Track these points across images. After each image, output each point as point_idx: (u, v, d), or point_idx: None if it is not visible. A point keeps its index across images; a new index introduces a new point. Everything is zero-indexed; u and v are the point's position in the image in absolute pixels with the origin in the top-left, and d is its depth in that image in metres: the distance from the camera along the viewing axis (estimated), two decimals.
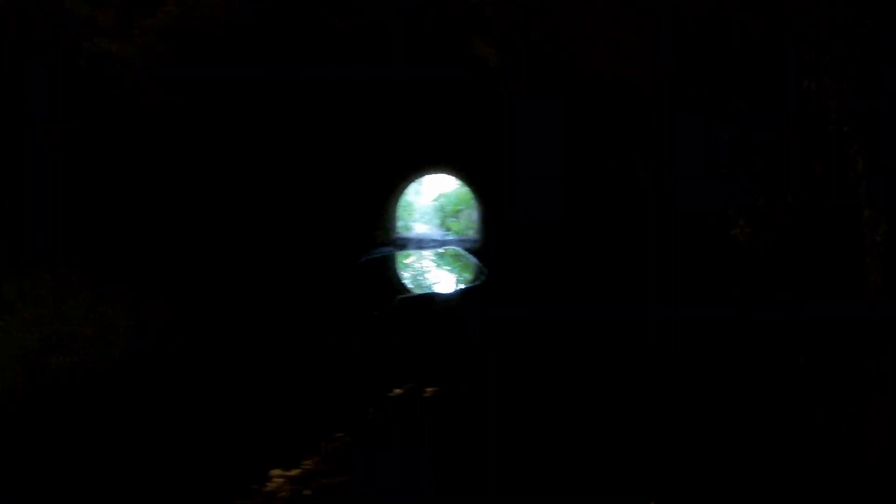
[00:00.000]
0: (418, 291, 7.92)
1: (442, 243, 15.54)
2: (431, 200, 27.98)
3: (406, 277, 9.83)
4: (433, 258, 12.65)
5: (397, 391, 3.65)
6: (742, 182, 2.55)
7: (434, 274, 10.70)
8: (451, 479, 2.50)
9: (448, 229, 21.69)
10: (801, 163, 2.12)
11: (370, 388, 3.71)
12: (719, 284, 2.81)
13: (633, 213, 4.77)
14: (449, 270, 11.28)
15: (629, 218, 4.77)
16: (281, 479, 2.52)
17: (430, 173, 17.05)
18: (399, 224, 18.41)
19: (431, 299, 7.03)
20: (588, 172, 6.42)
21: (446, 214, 22.67)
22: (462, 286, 8.51)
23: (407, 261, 12.05)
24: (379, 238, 13.87)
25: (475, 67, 7.28)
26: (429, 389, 3.68)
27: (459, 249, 13.81)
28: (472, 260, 11.90)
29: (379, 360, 4.35)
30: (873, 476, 1.76)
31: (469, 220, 20.65)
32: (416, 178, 16.42)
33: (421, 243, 14.96)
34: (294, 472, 2.56)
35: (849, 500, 1.82)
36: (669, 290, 3.78)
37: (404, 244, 14.45)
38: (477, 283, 8.45)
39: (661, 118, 3.64)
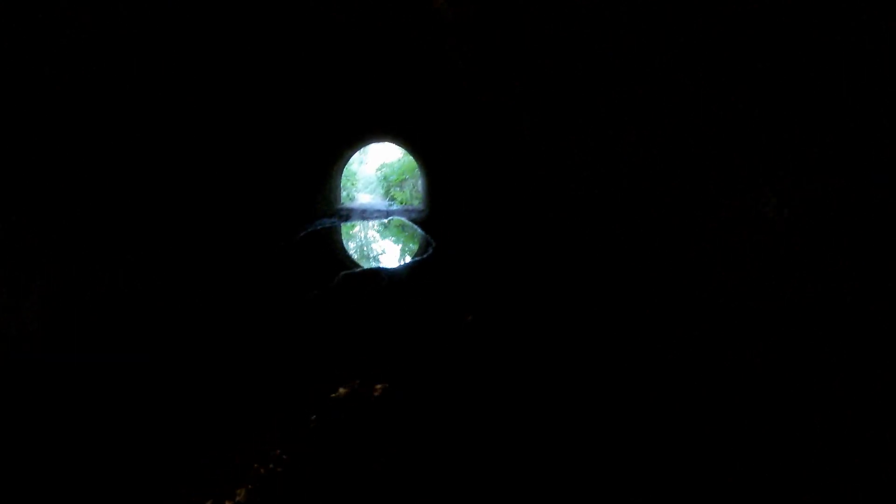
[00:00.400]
0: (363, 266, 7.43)
1: (387, 214, 15.00)
2: (375, 170, 27.08)
3: (350, 251, 9.22)
4: (378, 229, 12.12)
5: (342, 391, 3.16)
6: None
7: (379, 246, 10.00)
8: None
9: (393, 199, 21.04)
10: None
11: (309, 386, 3.23)
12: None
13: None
14: (394, 242, 10.62)
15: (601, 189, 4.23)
16: None
17: (375, 141, 16.33)
18: (342, 194, 17.60)
19: (377, 275, 6.60)
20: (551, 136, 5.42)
21: (390, 184, 21.98)
22: (409, 260, 8.04)
23: (351, 232, 11.45)
24: (320, 209, 13.15)
25: (424, 23, 6.66)
26: (377, 386, 3.23)
27: (405, 220, 13.36)
28: (419, 231, 11.51)
29: (319, 349, 3.83)
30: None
31: (414, 190, 20.14)
32: (360, 146, 15.66)
33: (365, 214, 14.34)
34: None
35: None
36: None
37: (347, 215, 13.81)
38: (425, 256, 8.02)
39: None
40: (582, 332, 4.03)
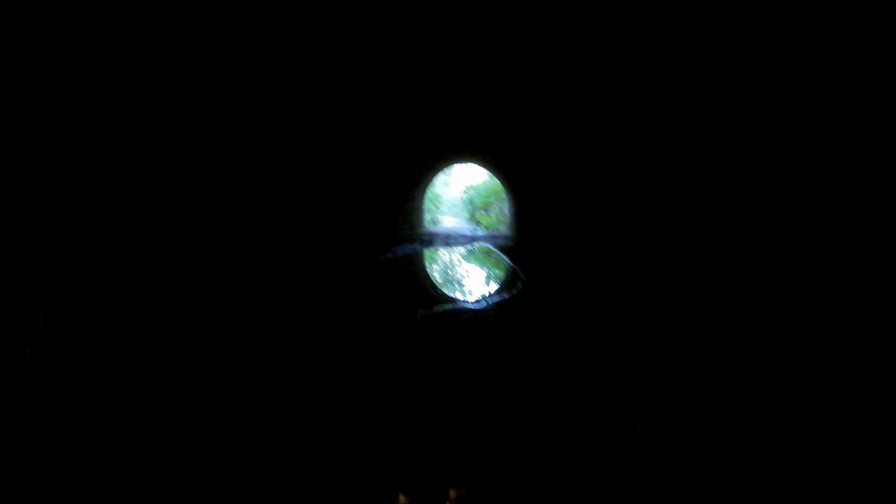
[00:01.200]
0: (447, 291, 6.59)
1: (472, 239, 14.13)
2: (460, 193, 26.50)
3: (434, 273, 8.55)
4: (462, 256, 11.23)
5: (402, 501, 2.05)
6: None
7: (464, 270, 9.18)
8: None
9: (478, 224, 20.20)
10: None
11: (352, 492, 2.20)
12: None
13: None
14: (479, 266, 9.72)
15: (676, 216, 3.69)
16: None
17: (458, 162, 15.66)
18: (425, 218, 17.06)
19: (459, 316, 5.62)
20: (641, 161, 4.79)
21: (475, 208, 21.18)
22: (495, 291, 7.03)
23: (435, 255, 10.63)
24: (401, 233, 12.55)
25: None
26: (453, 492, 2.12)
27: (491, 246, 12.40)
28: (505, 259, 10.48)
29: (381, 422, 2.79)
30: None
31: (501, 214, 19.17)
32: (442, 167, 15.04)
33: (448, 239, 13.57)
34: None
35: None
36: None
37: (430, 240, 13.11)
38: (513, 292, 6.97)
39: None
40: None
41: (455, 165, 29.18)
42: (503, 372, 3.55)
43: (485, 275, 8.69)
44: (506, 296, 6.60)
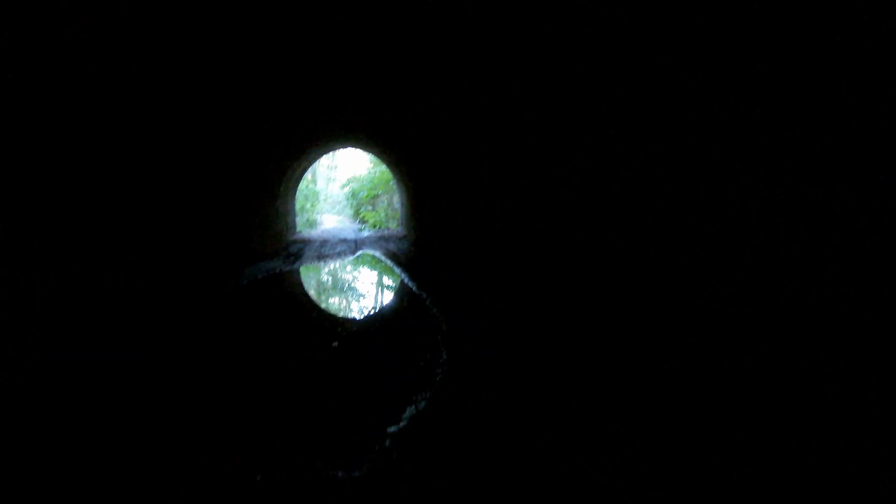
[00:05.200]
0: (326, 308, 5.36)
1: (355, 246, 11.21)
2: (339, 187, 23.09)
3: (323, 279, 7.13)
4: (343, 268, 8.50)
5: None
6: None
7: (350, 276, 7.84)
8: None
9: (364, 222, 17.23)
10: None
11: None
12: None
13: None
14: (370, 269, 8.36)
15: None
16: None
17: (334, 147, 12.57)
18: (297, 221, 13.67)
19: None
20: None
21: (360, 202, 18.16)
22: (383, 313, 5.25)
23: (307, 277, 7.89)
24: (258, 246, 9.34)
25: None
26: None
27: (378, 255, 9.60)
28: (397, 269, 7.92)
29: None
30: None
31: (389, 209, 16.41)
32: (314, 153, 11.89)
33: (322, 250, 10.47)
34: None
35: None
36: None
37: (298, 252, 9.95)
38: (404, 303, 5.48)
39: None
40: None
41: (334, 153, 25.51)
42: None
43: (374, 279, 7.39)
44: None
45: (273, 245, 10.40)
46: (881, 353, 1.78)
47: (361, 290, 6.70)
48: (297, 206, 15.19)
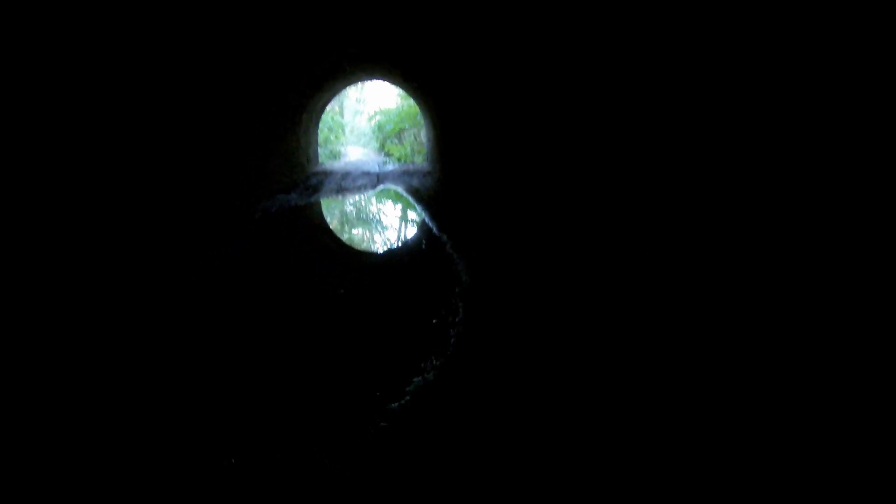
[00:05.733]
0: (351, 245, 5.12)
1: (377, 179, 10.97)
2: (366, 120, 22.48)
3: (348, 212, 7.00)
4: (369, 200, 8.30)
5: None
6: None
7: (375, 209, 7.70)
8: None
9: (388, 155, 16.87)
10: None
11: None
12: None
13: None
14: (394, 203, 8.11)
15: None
16: None
17: (358, 80, 12.06)
18: (320, 153, 13.41)
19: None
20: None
21: (386, 136, 17.71)
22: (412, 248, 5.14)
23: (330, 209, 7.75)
24: (278, 178, 9.20)
25: None
26: None
27: (400, 190, 9.35)
28: (418, 209, 7.67)
29: None
30: None
31: (416, 143, 15.97)
32: (337, 85, 11.45)
33: (343, 183, 10.27)
34: None
35: None
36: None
37: (317, 185, 9.79)
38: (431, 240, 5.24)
39: None
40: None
41: (360, 84, 24.70)
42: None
43: (398, 213, 7.18)
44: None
45: (293, 177, 10.24)
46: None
47: (385, 223, 6.51)
48: (322, 137, 14.89)
